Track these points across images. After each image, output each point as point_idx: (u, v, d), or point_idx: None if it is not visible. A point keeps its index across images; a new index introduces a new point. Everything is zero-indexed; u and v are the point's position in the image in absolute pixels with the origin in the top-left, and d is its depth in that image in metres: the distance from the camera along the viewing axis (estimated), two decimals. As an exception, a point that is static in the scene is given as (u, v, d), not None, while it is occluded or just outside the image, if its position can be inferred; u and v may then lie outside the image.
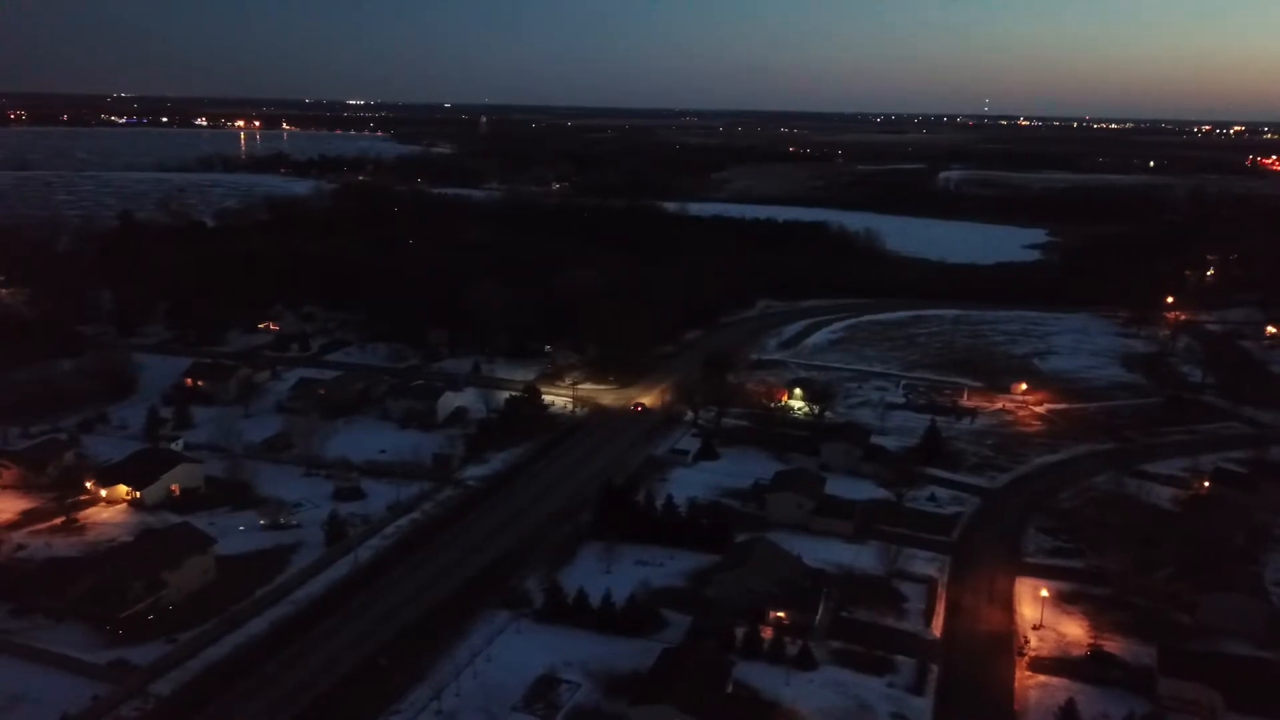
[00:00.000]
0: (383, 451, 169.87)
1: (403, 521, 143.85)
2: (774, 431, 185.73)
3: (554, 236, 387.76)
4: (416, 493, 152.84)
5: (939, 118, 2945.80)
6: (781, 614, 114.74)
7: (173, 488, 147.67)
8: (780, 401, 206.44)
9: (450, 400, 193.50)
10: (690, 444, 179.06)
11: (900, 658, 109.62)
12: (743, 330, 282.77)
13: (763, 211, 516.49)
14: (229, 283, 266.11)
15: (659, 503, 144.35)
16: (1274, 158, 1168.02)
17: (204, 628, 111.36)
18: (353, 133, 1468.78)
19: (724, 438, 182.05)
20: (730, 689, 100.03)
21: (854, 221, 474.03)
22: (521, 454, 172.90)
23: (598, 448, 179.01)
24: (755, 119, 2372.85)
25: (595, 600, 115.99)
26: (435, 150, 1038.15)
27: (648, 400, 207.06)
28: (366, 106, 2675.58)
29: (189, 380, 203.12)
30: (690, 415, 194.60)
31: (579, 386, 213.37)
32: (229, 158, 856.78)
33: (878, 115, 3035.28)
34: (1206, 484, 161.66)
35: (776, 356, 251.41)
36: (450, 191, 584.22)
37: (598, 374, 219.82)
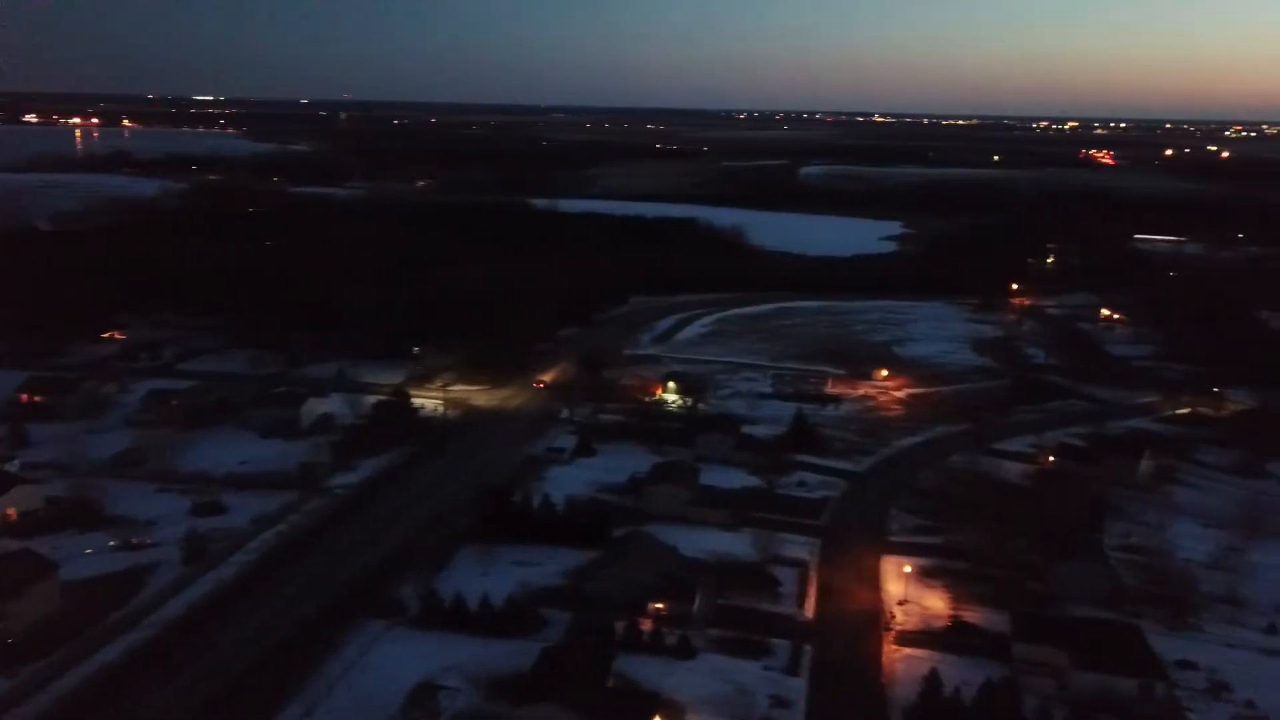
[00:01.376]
0: (244, 463, 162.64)
1: (268, 535, 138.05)
2: (650, 425, 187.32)
3: (423, 235, 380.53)
4: (282, 504, 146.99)
5: (800, 114, 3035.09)
6: (660, 605, 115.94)
7: (9, 512, 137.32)
8: (655, 395, 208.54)
9: (315, 407, 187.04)
10: (567, 442, 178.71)
11: (776, 641, 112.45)
12: (617, 326, 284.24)
13: (634, 208, 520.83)
14: (70, 291, 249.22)
15: (536, 502, 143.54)
16: (1104, 151, 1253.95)
17: (49, 659, 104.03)
18: (202, 130, 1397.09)
19: (601, 434, 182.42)
20: (612, 683, 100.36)
21: (722, 217, 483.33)
22: (393, 460, 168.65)
23: (472, 450, 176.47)
24: (623, 115, 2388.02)
25: (473, 603, 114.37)
26: (293, 148, 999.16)
27: (521, 401, 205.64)
28: (216, 102, 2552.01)
29: (24, 396, 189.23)
30: (567, 413, 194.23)
31: (451, 388, 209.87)
32: (65, 157, 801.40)
33: (742, 112, 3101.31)
34: (1052, 459, 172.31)
35: (650, 351, 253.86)
36: (311, 191, 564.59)
37: (470, 375, 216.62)
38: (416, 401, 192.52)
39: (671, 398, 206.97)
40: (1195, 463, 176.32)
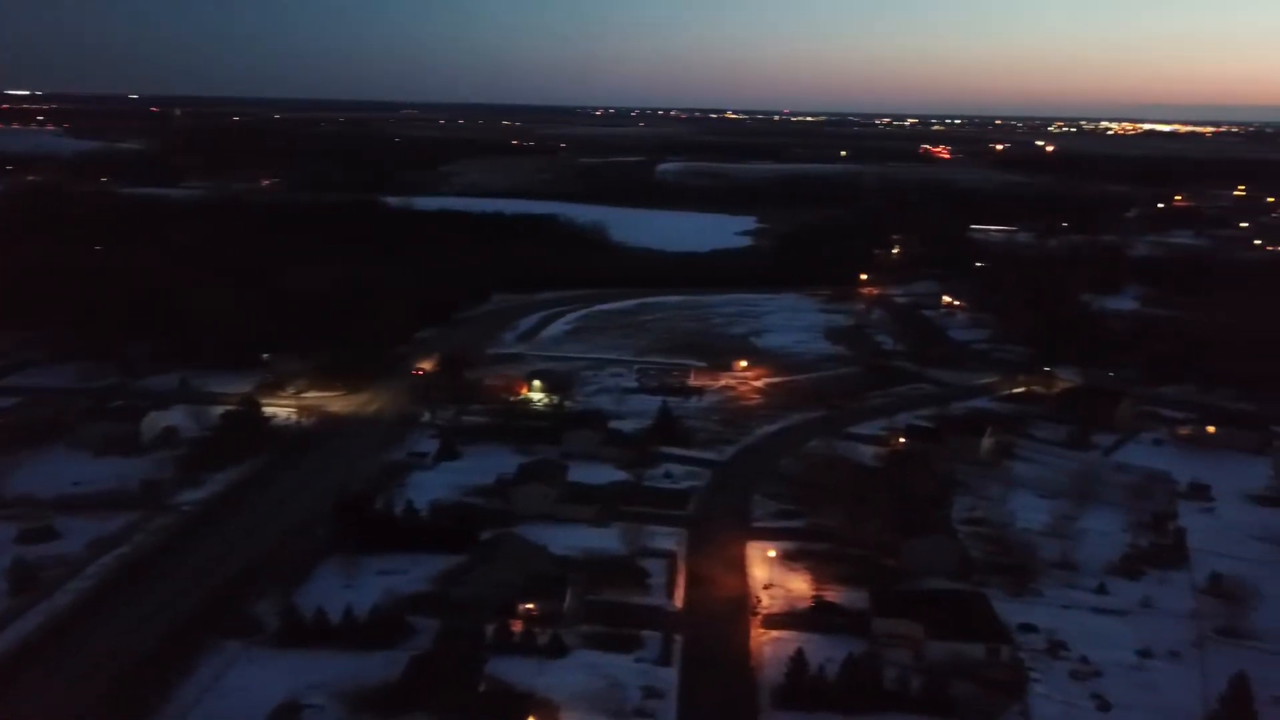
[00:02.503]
0: (78, 484, 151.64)
1: (107, 559, 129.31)
2: (516, 425, 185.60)
3: (269, 236, 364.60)
4: (123, 526, 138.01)
5: (655, 111, 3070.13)
6: (531, 605, 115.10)
7: None
8: (520, 394, 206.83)
9: (156, 420, 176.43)
10: (430, 445, 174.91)
11: (647, 632, 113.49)
12: (479, 326, 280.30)
13: (492, 205, 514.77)
14: None
15: (399, 508, 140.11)
16: (941, 147, 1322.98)
17: None
18: (16, 126, 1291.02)
19: (465, 436, 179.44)
20: (484, 686, 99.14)
21: (582, 213, 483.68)
22: (244, 472, 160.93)
23: (330, 458, 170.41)
24: (477, 112, 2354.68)
25: (336, 616, 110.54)
26: (122, 146, 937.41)
27: (380, 405, 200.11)
28: (33, 97, 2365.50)
29: None
30: (428, 416, 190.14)
31: (305, 395, 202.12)
32: None
33: (598, 108, 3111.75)
34: (902, 440, 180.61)
35: (514, 350, 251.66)
36: (144, 191, 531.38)
37: (325, 380, 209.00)
38: (268, 411, 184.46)
39: (537, 396, 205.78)
40: (1030, 438, 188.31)
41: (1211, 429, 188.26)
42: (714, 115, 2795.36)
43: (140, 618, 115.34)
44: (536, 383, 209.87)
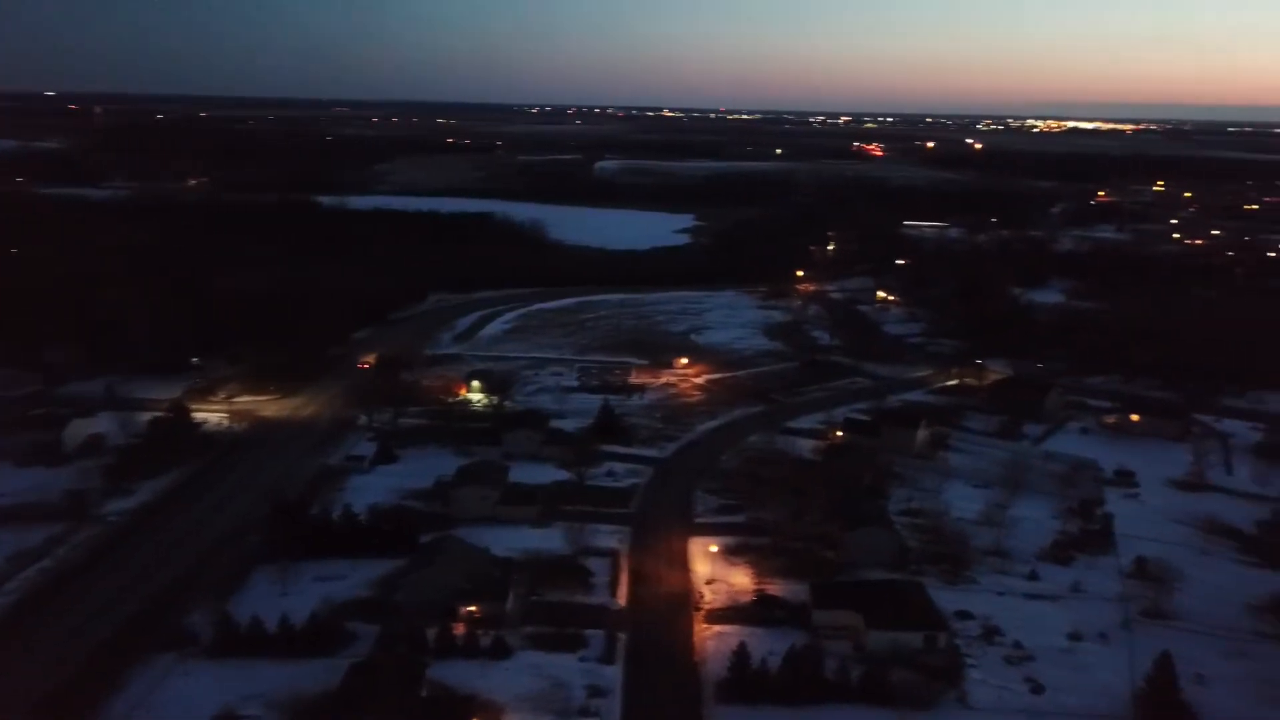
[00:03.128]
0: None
1: (30, 573, 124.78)
2: (455, 426, 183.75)
3: (199, 237, 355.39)
4: (46, 538, 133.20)
5: (593, 109, 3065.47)
6: (473, 608, 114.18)
7: None
8: (459, 395, 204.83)
9: (80, 428, 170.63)
10: (367, 449, 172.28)
11: (591, 631, 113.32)
12: (416, 326, 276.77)
13: (428, 204, 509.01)
14: None
15: (336, 513, 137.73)
16: (874, 144, 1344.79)
17: None
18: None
19: (403, 438, 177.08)
20: (426, 691, 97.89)
21: (519, 212, 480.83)
22: (174, 480, 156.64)
23: (263, 464, 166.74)
24: (412, 109, 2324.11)
25: (273, 625, 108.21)
26: (39, 145, 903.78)
27: (316, 409, 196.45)
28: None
29: None
30: (365, 419, 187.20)
31: (237, 399, 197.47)
32: None
33: (534, 106, 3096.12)
34: (839, 433, 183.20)
35: (452, 350, 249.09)
36: (64, 191, 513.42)
37: (258, 384, 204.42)
38: (198, 416, 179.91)
39: (476, 397, 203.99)
40: (963, 429, 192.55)
41: (1135, 417, 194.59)
42: (651, 113, 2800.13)
43: (66, 634, 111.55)
44: (475, 383, 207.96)
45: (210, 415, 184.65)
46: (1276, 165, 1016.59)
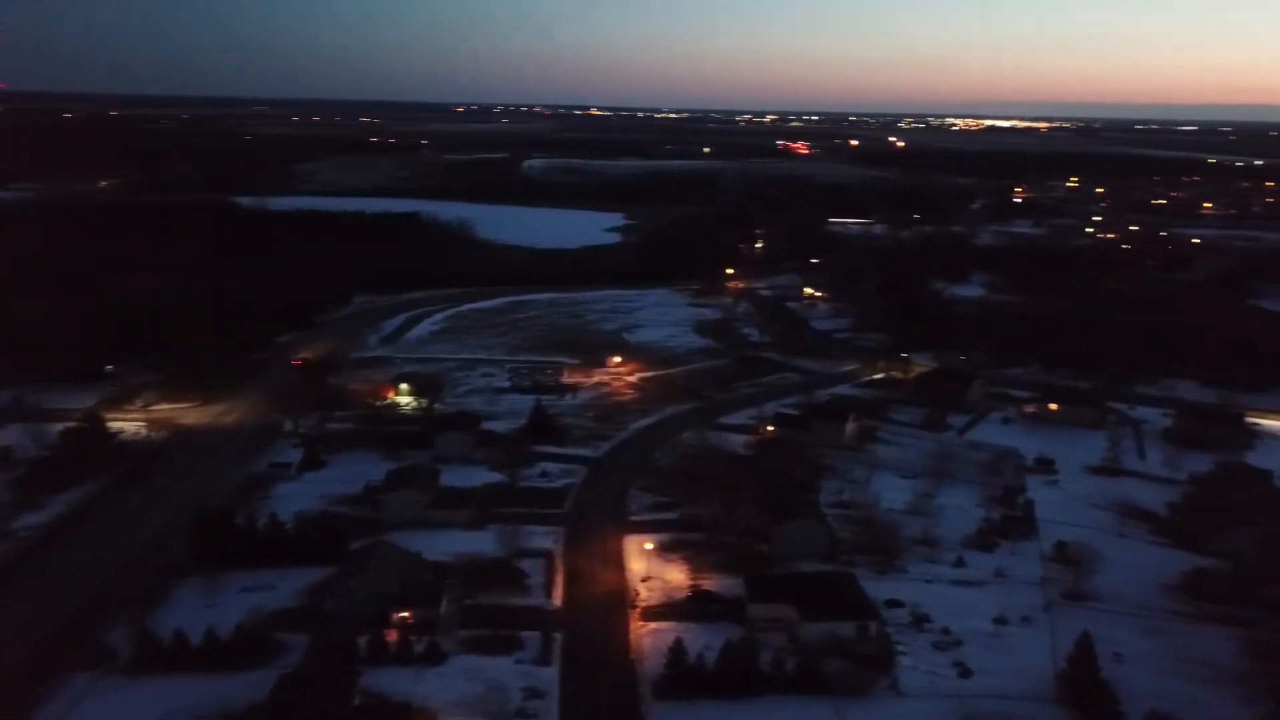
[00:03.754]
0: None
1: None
2: (384, 430, 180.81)
3: (113, 240, 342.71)
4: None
5: (519, 107, 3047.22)
6: (406, 614, 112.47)
7: None
8: (387, 399, 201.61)
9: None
10: (293, 455, 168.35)
11: (526, 633, 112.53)
12: (341, 329, 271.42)
13: (352, 204, 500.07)
14: None
15: (262, 522, 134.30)
16: (800, 143, 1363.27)
17: None
18: None
19: (330, 444, 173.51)
20: (359, 700, 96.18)
21: (446, 211, 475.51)
22: (89, 492, 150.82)
23: (185, 473, 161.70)
24: (333, 108, 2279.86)
25: (197, 639, 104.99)
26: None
27: (239, 415, 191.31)
28: None
29: None
30: (290, 425, 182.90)
31: (155, 407, 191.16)
32: None
33: (459, 105, 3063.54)
34: (770, 428, 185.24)
35: (380, 353, 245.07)
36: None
37: (177, 391, 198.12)
38: (115, 426, 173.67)
39: (405, 400, 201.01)
40: (890, 421, 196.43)
41: (1053, 406, 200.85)
42: (578, 112, 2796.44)
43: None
44: (404, 386, 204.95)
45: (127, 424, 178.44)
46: (1180, 162, 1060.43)
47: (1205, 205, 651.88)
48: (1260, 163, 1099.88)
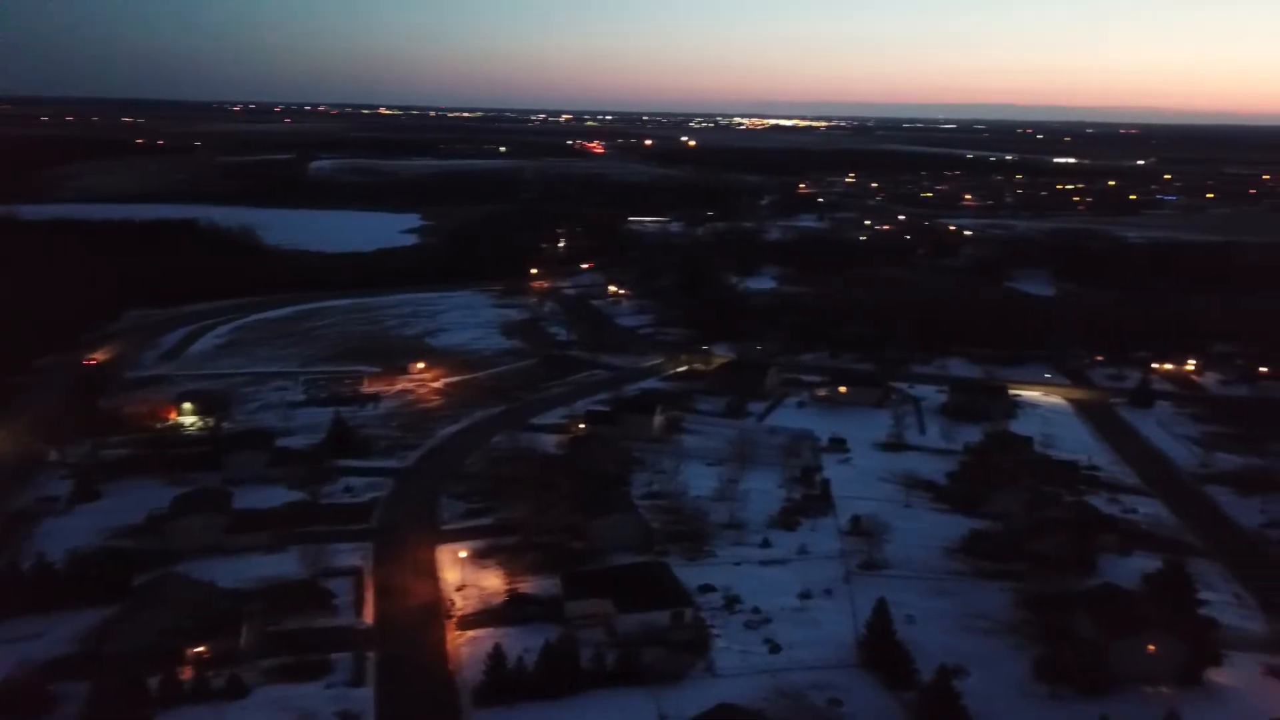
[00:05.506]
0: None
1: None
2: (167, 454, 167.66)
3: None
4: None
5: (302, 106, 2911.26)
6: (201, 648, 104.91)
7: None
8: (170, 420, 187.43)
9: None
10: (61, 487, 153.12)
11: (337, 655, 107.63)
12: (113, 346, 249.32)
13: (119, 211, 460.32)
14: None
15: (28, 563, 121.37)
16: (595, 142, 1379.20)
17: None
18: None
19: (105, 472, 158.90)
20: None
21: (228, 216, 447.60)
22: None
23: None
24: (91, 107, 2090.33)
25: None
26: None
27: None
28: None
29: None
30: (56, 454, 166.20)
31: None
32: None
33: (236, 104, 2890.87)
34: (581, 425, 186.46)
35: (158, 371, 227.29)
36: None
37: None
38: None
39: (189, 420, 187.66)
40: (695, 412, 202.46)
41: (843, 389, 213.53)
42: (367, 111, 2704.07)
43: None
44: (187, 405, 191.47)
45: None
46: (944, 158, 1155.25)
47: (966, 197, 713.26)
48: (1011, 158, 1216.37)
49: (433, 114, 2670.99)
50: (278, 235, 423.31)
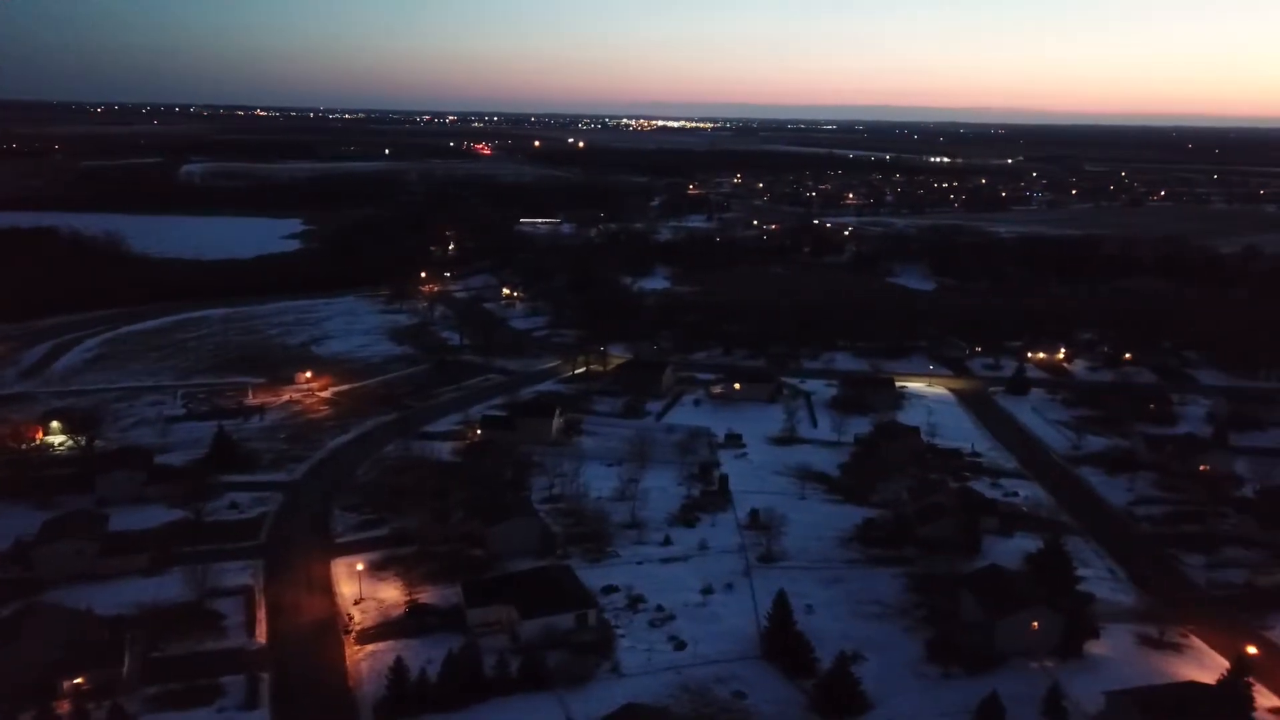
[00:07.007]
0: None
1: None
2: (32, 476, 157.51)
3: None
4: None
5: (171, 108, 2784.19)
6: (79, 679, 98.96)
7: None
8: (35, 440, 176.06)
9: None
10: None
11: (228, 678, 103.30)
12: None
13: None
14: None
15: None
16: (482, 143, 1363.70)
17: None
18: None
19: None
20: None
21: (90, 224, 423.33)
22: None
23: None
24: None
25: None
26: None
27: None
28: None
29: None
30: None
31: None
32: None
33: (97, 105, 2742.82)
34: (478, 431, 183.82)
35: (20, 389, 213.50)
36: None
37: None
38: None
39: (57, 439, 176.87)
40: (593, 413, 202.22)
41: (737, 386, 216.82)
42: (241, 112, 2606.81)
43: None
44: (54, 424, 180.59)
45: None
46: (825, 158, 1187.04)
47: (848, 196, 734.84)
48: (888, 157, 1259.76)
49: (312, 115, 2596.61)
50: (148, 243, 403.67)
